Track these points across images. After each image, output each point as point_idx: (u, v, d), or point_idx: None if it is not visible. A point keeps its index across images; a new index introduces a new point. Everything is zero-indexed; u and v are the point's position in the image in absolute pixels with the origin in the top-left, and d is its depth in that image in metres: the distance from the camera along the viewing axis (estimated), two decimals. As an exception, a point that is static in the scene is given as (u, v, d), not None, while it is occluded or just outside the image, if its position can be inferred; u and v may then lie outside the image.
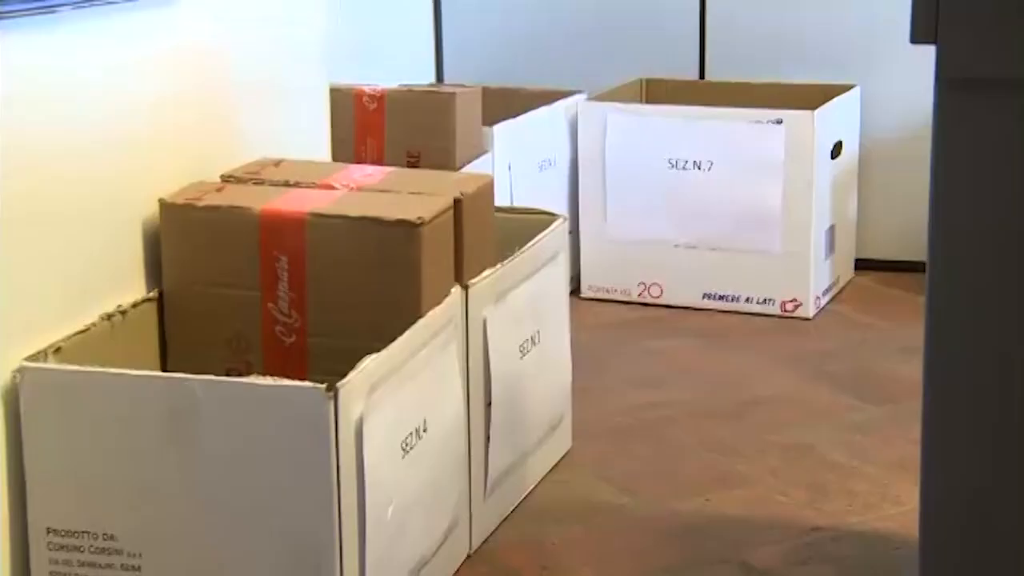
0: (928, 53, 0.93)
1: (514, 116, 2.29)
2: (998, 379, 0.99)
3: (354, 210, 1.44)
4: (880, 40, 2.47)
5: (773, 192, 2.28)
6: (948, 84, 0.92)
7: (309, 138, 1.79)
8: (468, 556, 1.54)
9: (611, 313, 2.35)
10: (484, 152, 2.18)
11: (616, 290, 2.41)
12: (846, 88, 2.43)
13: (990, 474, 1.01)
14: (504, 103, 2.46)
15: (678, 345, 2.20)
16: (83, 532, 1.30)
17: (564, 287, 1.77)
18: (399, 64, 2.59)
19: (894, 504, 1.65)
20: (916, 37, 0.92)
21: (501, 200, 2.09)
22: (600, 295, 2.42)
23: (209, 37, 1.59)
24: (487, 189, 1.57)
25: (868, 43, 2.48)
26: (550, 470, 1.75)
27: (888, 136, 2.50)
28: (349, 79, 2.24)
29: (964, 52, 0.91)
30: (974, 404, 1.00)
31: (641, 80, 2.58)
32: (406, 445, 1.35)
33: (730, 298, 2.34)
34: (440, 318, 1.44)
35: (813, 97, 2.40)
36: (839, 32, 2.49)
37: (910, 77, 2.44)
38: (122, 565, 1.29)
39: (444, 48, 2.71)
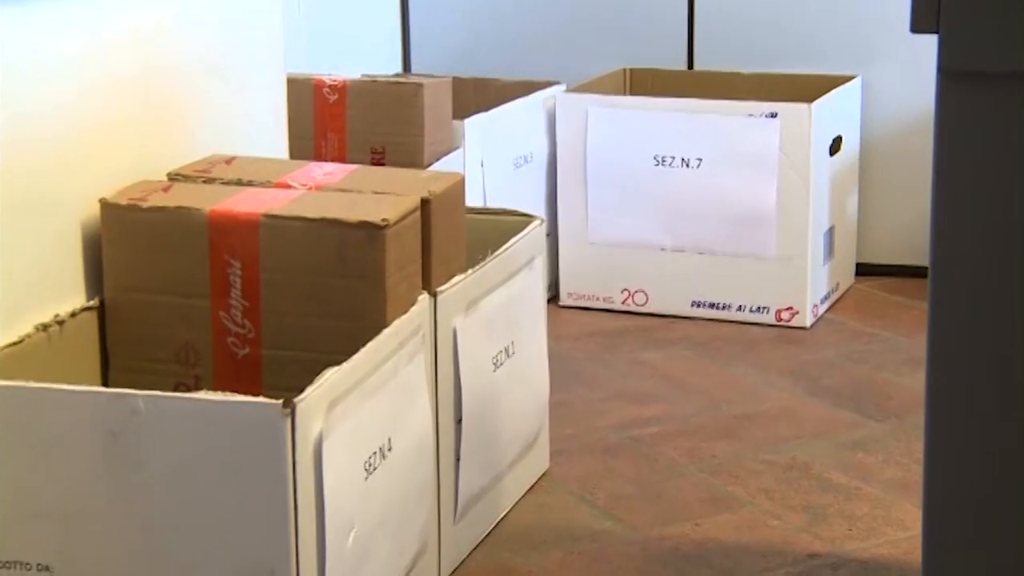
0: (935, 41, 0.94)
1: (487, 109, 2.30)
2: (1007, 389, 1.00)
3: (313, 211, 1.44)
4: (883, 27, 2.48)
5: (767, 191, 2.29)
6: (950, 77, 0.93)
7: (264, 133, 1.79)
8: (437, 586, 1.55)
9: (592, 322, 2.36)
10: (454, 148, 2.18)
11: (598, 297, 2.41)
12: (846, 79, 2.44)
13: (1000, 491, 1.02)
14: (476, 95, 2.46)
15: (665, 357, 2.20)
16: (15, 563, 1.29)
17: (541, 294, 1.77)
18: (362, 52, 2.60)
19: (898, 528, 1.66)
20: (916, 27, 0.92)
21: (473, 200, 2.10)
22: (580, 303, 2.42)
23: (153, 22, 1.59)
24: (457, 188, 1.57)
25: (870, 30, 2.49)
26: (526, 492, 1.75)
27: (892, 131, 2.51)
28: (307, 68, 2.24)
29: (967, 43, 0.92)
30: (980, 417, 1.01)
31: (624, 70, 2.58)
32: (369, 466, 1.35)
33: (721, 306, 2.35)
34: (406, 328, 1.44)
35: (810, 88, 2.41)
36: (839, 18, 2.50)
37: (916, 67, 2.45)
38: (59, 597, 1.29)
39: (411, 35, 2.71)
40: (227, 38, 1.71)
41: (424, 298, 1.50)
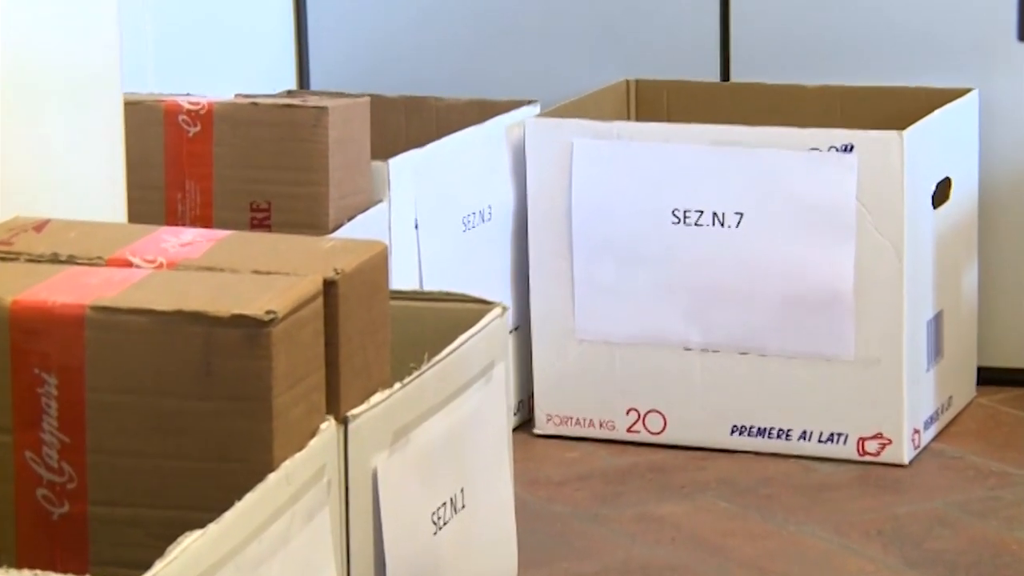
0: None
1: (424, 143, 2.32)
2: None
3: (164, 301, 1.47)
4: (1009, 19, 2.50)
5: (841, 261, 2.31)
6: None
7: (91, 183, 1.81)
8: None
9: (584, 459, 2.37)
10: (375, 202, 2.20)
11: (592, 422, 2.43)
12: (956, 94, 2.45)
13: None
14: (408, 121, 2.49)
15: (692, 510, 2.21)
16: None
17: (504, 419, 1.79)
18: (236, 61, 2.62)
19: None
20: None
21: (402, 280, 2.12)
22: (565, 430, 2.44)
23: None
24: (378, 263, 1.60)
25: (990, 23, 2.51)
26: None
27: (1026, 169, 2.54)
28: (155, 87, 2.27)
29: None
30: None
31: (627, 82, 2.60)
32: (249, 678, 1.37)
33: (775, 433, 2.37)
34: (303, 471, 1.46)
35: (903, 109, 2.43)
36: (942, 9, 2.54)
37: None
38: None
39: (309, 35, 2.74)
40: (33, 44, 1.73)
41: (330, 426, 1.52)
